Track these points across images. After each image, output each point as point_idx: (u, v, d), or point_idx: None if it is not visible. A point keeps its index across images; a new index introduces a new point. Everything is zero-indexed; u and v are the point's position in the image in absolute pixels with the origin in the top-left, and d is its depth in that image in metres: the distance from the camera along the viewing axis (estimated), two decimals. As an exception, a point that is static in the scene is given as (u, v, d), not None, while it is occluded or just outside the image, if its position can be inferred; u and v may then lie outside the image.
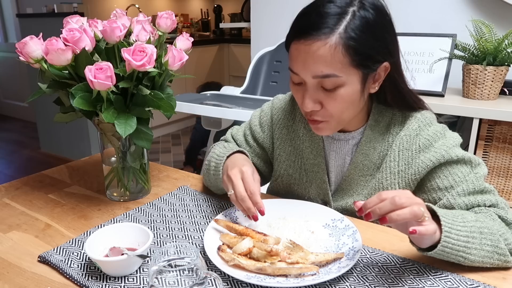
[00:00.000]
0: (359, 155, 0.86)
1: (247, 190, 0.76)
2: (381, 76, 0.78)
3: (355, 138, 0.87)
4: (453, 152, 0.79)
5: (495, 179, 1.55)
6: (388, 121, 0.85)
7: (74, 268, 0.70)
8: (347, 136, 0.87)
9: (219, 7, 5.04)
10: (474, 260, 0.66)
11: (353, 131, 0.87)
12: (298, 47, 0.73)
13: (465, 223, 0.66)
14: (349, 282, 0.66)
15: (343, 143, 0.88)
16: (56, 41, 0.77)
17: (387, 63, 0.76)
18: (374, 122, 0.85)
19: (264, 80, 2.46)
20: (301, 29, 0.73)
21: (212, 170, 0.90)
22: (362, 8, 0.71)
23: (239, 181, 0.77)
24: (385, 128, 0.85)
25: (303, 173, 0.94)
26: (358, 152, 0.86)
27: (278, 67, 2.42)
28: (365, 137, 0.85)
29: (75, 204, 0.94)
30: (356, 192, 0.88)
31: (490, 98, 1.60)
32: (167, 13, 0.90)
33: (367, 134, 0.85)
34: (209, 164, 0.93)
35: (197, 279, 0.57)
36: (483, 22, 1.56)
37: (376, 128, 0.85)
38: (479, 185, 0.77)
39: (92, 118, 0.86)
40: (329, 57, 0.70)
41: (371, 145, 0.85)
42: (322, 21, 0.70)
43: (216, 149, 0.94)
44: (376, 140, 0.85)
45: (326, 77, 0.72)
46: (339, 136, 0.88)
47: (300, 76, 0.75)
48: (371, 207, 0.61)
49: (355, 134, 0.87)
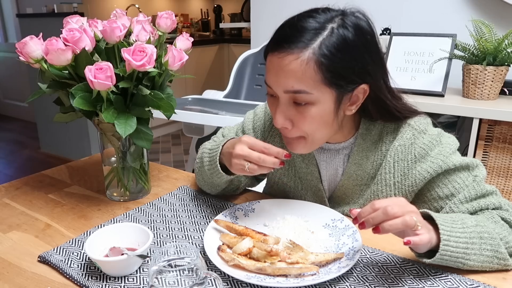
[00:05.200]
0: (351, 165, 0.84)
1: (260, 147, 0.73)
2: (359, 99, 0.74)
3: (346, 149, 0.85)
4: (450, 161, 0.77)
5: (495, 179, 1.55)
6: (380, 129, 0.82)
7: (74, 268, 0.70)
8: (337, 146, 0.85)
9: (219, 7, 5.04)
10: (474, 265, 0.66)
11: (342, 141, 0.85)
12: (271, 60, 0.72)
13: (464, 228, 0.66)
14: (349, 282, 0.66)
15: (334, 153, 0.86)
16: (56, 41, 0.77)
17: (366, 85, 0.73)
18: (365, 130, 0.82)
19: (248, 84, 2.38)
20: (276, 41, 0.71)
21: (206, 166, 0.86)
22: (342, 26, 0.69)
23: (248, 150, 0.74)
24: (377, 136, 0.83)
25: (298, 181, 0.93)
26: (351, 162, 0.84)
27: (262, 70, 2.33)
28: (357, 146, 0.83)
29: (75, 204, 0.94)
30: (353, 200, 0.87)
31: (490, 98, 1.60)
32: (167, 13, 0.90)
33: (359, 143, 0.83)
34: (202, 161, 0.89)
35: (197, 279, 0.57)
36: (483, 22, 1.56)
37: (368, 136, 0.82)
38: (480, 189, 0.77)
39: (92, 118, 0.86)
40: (300, 72, 0.68)
41: (364, 154, 0.83)
42: (297, 35, 0.69)
43: (207, 145, 0.91)
44: (369, 149, 0.83)
45: (297, 93, 0.70)
46: (328, 146, 0.86)
47: (273, 89, 0.73)
48: (364, 217, 0.61)
49: (346, 144, 0.84)
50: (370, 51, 0.72)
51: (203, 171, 0.90)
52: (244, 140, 0.75)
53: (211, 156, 0.85)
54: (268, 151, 0.73)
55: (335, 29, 0.69)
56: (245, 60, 2.39)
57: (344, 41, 0.68)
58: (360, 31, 0.70)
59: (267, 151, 0.74)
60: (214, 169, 0.83)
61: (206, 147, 0.90)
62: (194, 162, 0.95)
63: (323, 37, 0.68)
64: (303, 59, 0.68)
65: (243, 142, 0.75)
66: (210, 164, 0.84)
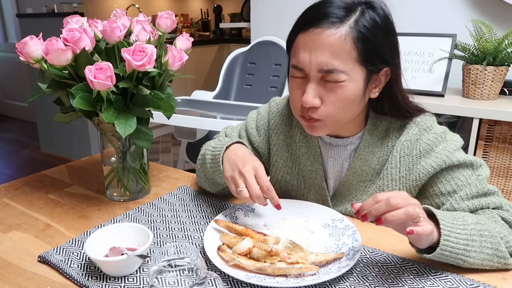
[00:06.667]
0: (357, 160, 0.85)
1: (263, 186, 0.74)
2: (381, 82, 0.78)
3: (353, 144, 0.86)
4: (454, 157, 0.78)
5: (495, 179, 1.55)
6: (386, 126, 0.84)
7: (74, 268, 0.70)
8: (345, 141, 0.86)
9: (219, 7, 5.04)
10: (474, 262, 0.66)
11: (350, 136, 0.86)
12: (306, 37, 0.73)
13: (465, 225, 0.66)
14: (349, 282, 0.66)
15: (341, 149, 0.87)
16: (56, 41, 0.77)
17: (389, 68, 0.76)
18: (372, 126, 0.84)
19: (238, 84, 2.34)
20: (310, 19, 0.73)
21: (208, 163, 0.87)
22: (371, 8, 0.73)
23: (253, 178, 0.75)
24: (384, 132, 0.84)
25: (301, 179, 0.93)
26: (357, 157, 0.85)
27: (252, 69, 2.31)
28: (363, 142, 0.84)
29: (75, 204, 0.94)
30: (355, 197, 0.87)
31: (490, 98, 1.60)
32: (167, 13, 0.90)
33: (366, 139, 0.84)
34: (204, 158, 0.90)
35: (197, 279, 0.57)
36: (483, 22, 1.56)
37: (375, 132, 0.84)
38: (482, 188, 0.77)
39: (92, 118, 0.86)
40: (337, 47, 0.70)
41: (370, 150, 0.84)
42: (333, 12, 0.71)
43: (211, 143, 0.92)
44: (375, 145, 0.84)
45: (330, 72, 0.71)
46: (336, 142, 0.87)
47: (305, 69, 0.74)
48: (367, 209, 0.61)
49: (353, 139, 0.85)
50: (394, 36, 0.76)
51: (205, 168, 0.91)
52: (255, 165, 0.76)
53: (214, 154, 0.85)
54: (268, 192, 0.74)
55: (365, 10, 0.72)
56: (234, 59, 2.36)
57: (375, 20, 0.72)
58: (386, 16, 0.75)
59: (267, 191, 0.74)
60: (216, 167, 0.84)
61: (210, 145, 0.91)
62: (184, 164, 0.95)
63: (356, 15, 0.71)
64: (341, 34, 0.70)
65: (254, 168, 0.76)
66: (213, 162, 0.85)
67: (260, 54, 2.32)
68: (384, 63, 0.75)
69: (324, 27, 0.71)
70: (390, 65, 0.76)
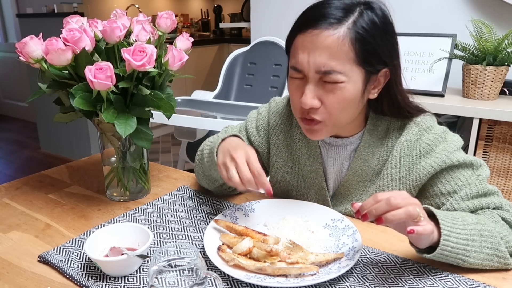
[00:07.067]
0: (357, 160, 0.85)
1: (254, 171, 0.73)
2: (380, 83, 0.78)
3: (353, 144, 0.86)
4: (454, 157, 0.78)
5: (495, 179, 1.55)
6: (386, 126, 0.84)
7: (74, 268, 0.70)
8: (345, 141, 0.86)
9: (219, 7, 5.04)
10: (474, 262, 0.66)
11: (350, 136, 0.86)
12: (304, 38, 0.73)
13: (465, 225, 0.66)
14: (349, 282, 0.66)
15: (341, 148, 0.87)
16: (56, 41, 0.77)
17: (387, 69, 0.76)
18: (372, 126, 0.84)
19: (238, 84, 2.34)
20: (308, 20, 0.73)
21: (206, 157, 0.87)
22: (370, 9, 0.73)
23: (244, 163, 0.74)
24: (384, 132, 0.84)
25: (301, 179, 0.93)
26: (357, 157, 0.85)
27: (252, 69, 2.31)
28: (363, 142, 0.84)
29: (75, 204, 0.94)
30: (355, 197, 0.87)
31: (490, 98, 1.60)
32: (167, 13, 0.90)
33: (366, 139, 0.84)
34: (202, 153, 0.90)
35: (197, 279, 0.57)
36: (483, 22, 1.56)
37: (375, 132, 0.84)
38: (482, 188, 0.77)
39: (92, 118, 0.86)
40: (335, 48, 0.70)
41: (370, 150, 0.84)
42: (332, 13, 0.72)
43: (210, 139, 0.92)
44: (375, 145, 0.84)
45: (328, 73, 0.71)
46: (336, 142, 0.87)
47: (303, 70, 0.74)
48: (367, 209, 0.61)
49: (353, 139, 0.85)
50: (393, 37, 0.76)
51: (203, 163, 0.91)
52: (247, 151, 0.76)
53: (210, 148, 0.85)
54: (258, 177, 0.73)
55: (363, 10, 0.72)
56: (234, 59, 2.36)
57: (373, 21, 0.72)
58: (385, 16, 0.74)
59: (258, 176, 0.73)
60: (212, 161, 0.84)
61: (208, 140, 0.92)
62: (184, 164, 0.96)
63: (355, 16, 0.72)
64: (339, 35, 0.70)
65: (246, 153, 0.75)
66: (209, 157, 0.85)
67: (260, 54, 2.32)
68: (382, 64, 0.75)
69: (322, 28, 0.71)
70: (389, 66, 0.76)
